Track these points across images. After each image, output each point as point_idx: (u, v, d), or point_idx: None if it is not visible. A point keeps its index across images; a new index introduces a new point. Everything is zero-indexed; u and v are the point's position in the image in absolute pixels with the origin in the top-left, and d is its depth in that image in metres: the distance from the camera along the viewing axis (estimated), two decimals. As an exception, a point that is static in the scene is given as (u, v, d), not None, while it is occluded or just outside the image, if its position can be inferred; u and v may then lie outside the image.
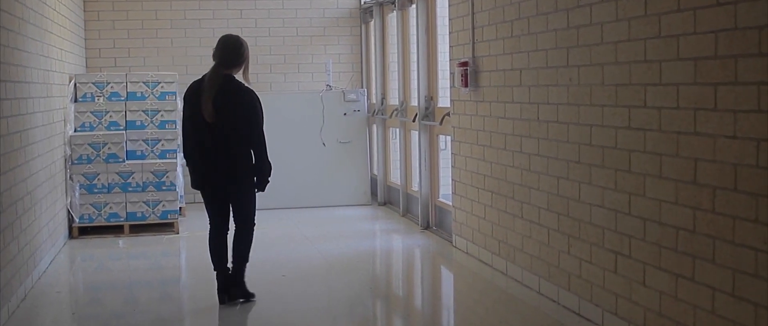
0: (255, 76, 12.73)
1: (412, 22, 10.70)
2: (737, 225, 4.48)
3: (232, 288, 6.91)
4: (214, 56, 6.72)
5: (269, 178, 6.88)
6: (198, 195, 12.46)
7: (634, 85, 5.42)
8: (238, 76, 6.81)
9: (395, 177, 11.89)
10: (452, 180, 9.04)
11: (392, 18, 11.80)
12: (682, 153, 4.93)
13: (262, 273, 8.02)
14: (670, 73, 5.00)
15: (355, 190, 12.17)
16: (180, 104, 10.99)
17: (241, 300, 6.96)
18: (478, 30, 8.08)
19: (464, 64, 8.23)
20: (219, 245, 6.93)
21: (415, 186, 10.90)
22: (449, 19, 8.88)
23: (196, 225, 10.84)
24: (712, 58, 4.62)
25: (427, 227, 10.11)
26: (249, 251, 6.94)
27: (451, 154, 9.01)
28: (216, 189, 6.85)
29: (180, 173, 10.71)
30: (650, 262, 5.31)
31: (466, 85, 8.21)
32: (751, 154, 4.35)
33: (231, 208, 6.94)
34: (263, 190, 6.92)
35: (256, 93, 6.80)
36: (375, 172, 12.55)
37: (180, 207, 10.85)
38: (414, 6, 10.46)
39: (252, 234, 6.94)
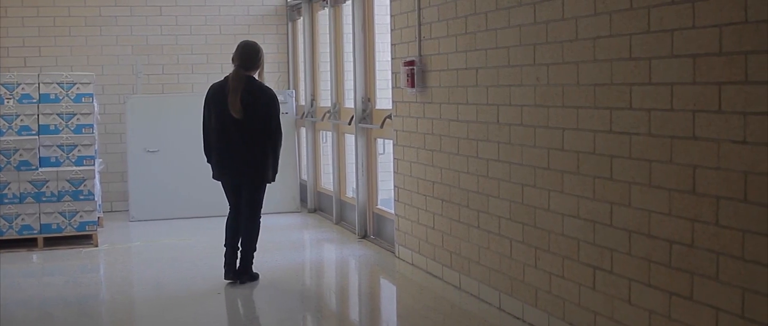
0: (176, 77, 12.13)
1: (347, 19, 10.17)
2: (748, 239, 4.04)
3: (241, 273, 7.63)
4: (234, 60, 7.56)
5: (277, 169, 7.66)
6: (115, 205, 11.91)
7: (616, 84, 4.96)
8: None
9: (327, 183, 11.33)
10: (395, 186, 8.52)
11: (323, 15, 11.26)
12: (676, 159, 4.49)
13: (196, 291, 7.42)
14: (662, 71, 4.56)
15: (284, 197, 11.56)
16: (97, 107, 10.35)
17: (248, 281, 7.64)
18: (425, 27, 7.58)
19: (410, 63, 7.72)
20: (235, 226, 7.70)
21: (349, 193, 10.37)
22: (391, 16, 8.36)
23: (116, 236, 10.15)
24: (715, 55, 4.18)
25: (364, 236, 9.58)
26: (256, 240, 7.67)
27: (394, 158, 8.49)
28: (235, 179, 7.60)
29: (98, 181, 9.98)
30: (637, 278, 4.86)
31: (412, 86, 7.70)
32: (765, 161, 3.91)
33: (243, 198, 7.62)
34: (273, 180, 7.68)
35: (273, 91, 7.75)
36: (304, 178, 11.96)
37: (98, 218, 10.11)
38: (348, 3, 9.93)
39: (259, 223, 7.69)
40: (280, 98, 11.28)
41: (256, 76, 7.61)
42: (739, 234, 4.09)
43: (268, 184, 7.67)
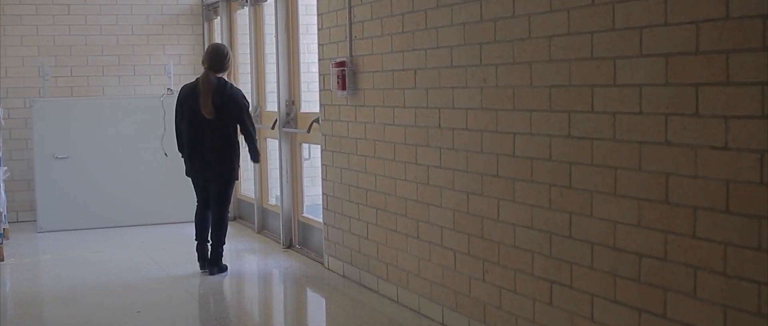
0: (86, 80, 11.54)
1: (268, 19, 9.72)
2: (730, 253, 3.74)
3: (211, 265, 8.06)
4: (204, 63, 7.92)
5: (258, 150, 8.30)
6: (21, 215, 11.24)
7: (575, 86, 4.63)
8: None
9: (247, 190, 10.85)
10: (323, 194, 8.09)
11: (242, 15, 10.78)
12: (646, 166, 4.17)
13: (113, 308, 6.91)
14: (630, 72, 4.24)
15: (202, 204, 11.04)
16: (1, 111, 9.71)
17: (217, 272, 8.06)
18: (356, 25, 7.18)
19: (341, 64, 7.31)
20: (204, 220, 8.14)
21: (272, 200, 9.92)
22: (318, 15, 7.94)
23: (23, 249, 9.53)
24: (691, 54, 3.87)
25: (289, 246, 9.14)
26: (225, 234, 8.14)
27: (322, 165, 8.07)
28: (206, 175, 7.98)
29: (2, 190, 9.34)
30: (601, 294, 4.54)
31: (343, 88, 7.29)
32: (750, 169, 3.61)
33: (211, 193, 8.06)
34: (258, 160, 8.45)
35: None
36: (223, 184, 11.43)
37: (4, 229, 9.45)
38: (270, 1, 9.49)
39: (227, 218, 8.18)
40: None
41: (226, 77, 7.94)
42: (719, 247, 3.79)
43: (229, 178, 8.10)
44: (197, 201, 8.18)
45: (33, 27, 11.33)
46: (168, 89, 11.10)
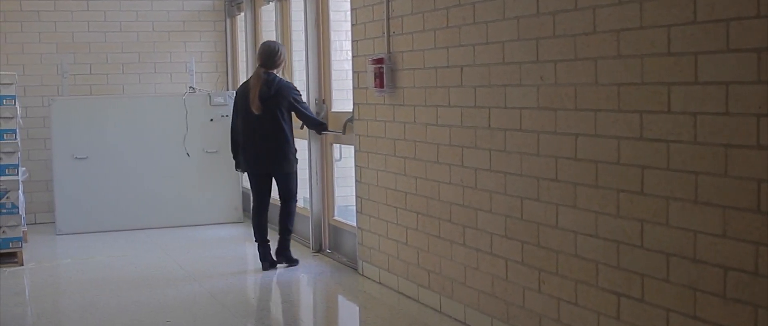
0: (105, 77, 11.26)
1: (296, 15, 9.40)
2: (836, 268, 3.40)
3: (278, 255, 8.17)
4: (257, 60, 8.14)
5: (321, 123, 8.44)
6: (39, 217, 10.95)
7: (649, 84, 4.28)
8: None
9: (273, 191, 10.50)
10: (357, 196, 7.76)
11: (267, 10, 10.45)
12: (734, 172, 3.82)
13: (139, 317, 6.59)
14: (713, 68, 3.88)
15: (226, 206, 10.76)
16: (20, 110, 9.40)
17: (285, 265, 8.18)
18: (395, 20, 6.84)
19: (379, 61, 6.97)
20: (261, 221, 8.21)
21: (300, 202, 9.57)
22: (352, 10, 7.61)
23: (43, 253, 9.22)
24: (789, 49, 3.53)
25: (319, 250, 8.81)
26: (292, 223, 8.22)
27: (356, 166, 7.73)
28: (262, 170, 8.13)
29: (21, 192, 9.02)
30: (678, 309, 4.19)
31: (381, 86, 6.95)
32: None
33: (276, 188, 8.22)
34: (325, 130, 8.42)
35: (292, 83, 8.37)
36: (247, 185, 11.11)
37: (23, 232, 9.13)
38: (298, -4, 9.17)
39: (295, 208, 8.22)
40: (219, 100, 10.67)
41: (278, 74, 8.07)
42: (823, 261, 3.44)
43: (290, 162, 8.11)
44: (253, 202, 8.29)
45: (51, 23, 11.04)
46: (190, 87, 10.79)
